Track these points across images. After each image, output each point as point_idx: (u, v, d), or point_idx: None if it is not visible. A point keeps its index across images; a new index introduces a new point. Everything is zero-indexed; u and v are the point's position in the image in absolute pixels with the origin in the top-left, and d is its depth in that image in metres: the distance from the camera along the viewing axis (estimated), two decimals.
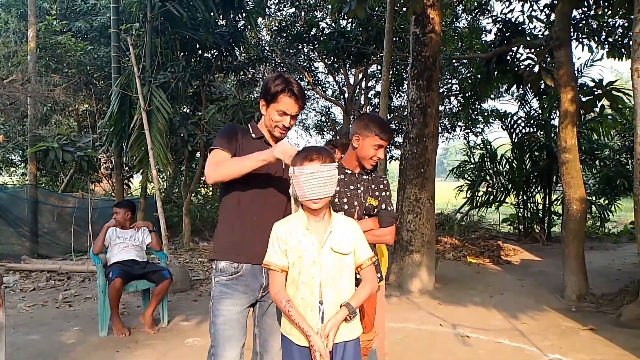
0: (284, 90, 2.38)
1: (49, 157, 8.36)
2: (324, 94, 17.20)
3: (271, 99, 2.41)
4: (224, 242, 2.46)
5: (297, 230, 2.14)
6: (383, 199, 2.69)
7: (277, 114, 2.41)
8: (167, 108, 7.89)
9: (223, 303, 2.39)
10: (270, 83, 2.43)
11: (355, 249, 2.16)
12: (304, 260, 2.10)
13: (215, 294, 2.42)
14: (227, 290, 2.39)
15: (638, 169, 5.26)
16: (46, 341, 4.58)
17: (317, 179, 2.04)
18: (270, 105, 2.43)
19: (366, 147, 2.62)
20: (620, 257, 9.40)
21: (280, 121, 2.43)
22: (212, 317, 2.42)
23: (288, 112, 2.41)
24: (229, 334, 2.38)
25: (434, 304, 6.11)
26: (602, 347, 4.53)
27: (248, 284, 2.41)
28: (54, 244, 9.22)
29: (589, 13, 8.50)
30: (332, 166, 2.11)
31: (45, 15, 11.65)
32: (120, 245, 5.06)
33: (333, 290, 2.10)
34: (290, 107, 2.42)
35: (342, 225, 2.19)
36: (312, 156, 2.09)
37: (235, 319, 2.39)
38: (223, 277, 2.41)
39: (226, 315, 2.38)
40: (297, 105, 2.43)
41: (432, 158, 6.88)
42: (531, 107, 12.15)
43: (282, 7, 14.26)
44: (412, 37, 6.98)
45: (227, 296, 2.39)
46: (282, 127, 2.44)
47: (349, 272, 2.15)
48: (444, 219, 14.18)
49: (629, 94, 6.96)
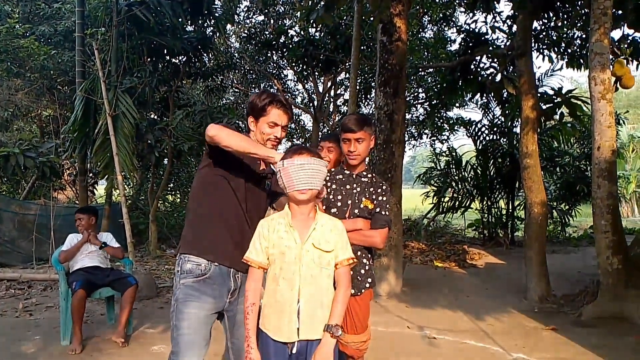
0: (271, 103, 2.43)
1: (10, 163, 8.07)
2: (293, 101, 17.25)
3: (259, 113, 2.44)
4: (195, 236, 2.40)
5: (280, 226, 2.17)
6: (379, 203, 2.69)
7: (267, 127, 2.44)
8: (134, 113, 7.78)
9: (189, 306, 2.28)
10: (255, 99, 2.47)
11: (335, 248, 2.19)
12: (285, 257, 2.13)
13: (180, 296, 2.30)
14: (193, 293, 2.29)
15: (596, 173, 5.48)
16: (4, 352, 4.41)
17: (305, 170, 2.08)
18: (260, 119, 2.45)
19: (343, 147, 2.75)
20: (581, 260, 9.70)
21: (271, 133, 2.44)
22: (175, 321, 2.29)
23: (278, 122, 2.44)
24: (193, 339, 2.27)
25: (402, 306, 6.18)
26: (564, 345, 4.67)
27: (215, 287, 2.33)
28: (14, 252, 8.91)
29: (549, 25, 8.80)
30: (321, 162, 2.15)
31: (6, 18, 11.35)
32: (83, 251, 4.93)
33: (311, 287, 2.12)
34: (280, 118, 2.45)
35: (326, 223, 2.22)
36: (302, 151, 2.15)
37: (201, 323, 2.30)
38: (189, 279, 2.32)
39: (192, 319, 2.27)
40: (286, 115, 2.47)
41: (399, 163, 6.97)
42: (494, 115, 12.46)
43: (251, 14, 14.28)
44: (380, 45, 7.09)
45: (194, 298, 2.29)
46: (274, 139, 2.46)
47: (329, 270, 2.18)
48: (411, 224, 14.35)
49: (587, 102, 7.22)
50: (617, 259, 5.34)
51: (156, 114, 11.07)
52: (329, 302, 2.16)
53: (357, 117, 2.73)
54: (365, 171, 2.79)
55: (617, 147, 5.70)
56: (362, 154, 2.68)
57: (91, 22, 9.78)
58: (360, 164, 2.75)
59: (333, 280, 2.21)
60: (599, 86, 5.38)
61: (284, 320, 2.12)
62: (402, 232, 7.23)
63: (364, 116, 2.88)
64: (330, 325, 2.11)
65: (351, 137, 2.65)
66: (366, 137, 2.67)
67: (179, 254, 2.41)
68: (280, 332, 2.13)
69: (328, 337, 2.11)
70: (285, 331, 2.12)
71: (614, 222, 5.41)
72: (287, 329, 2.12)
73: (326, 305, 2.15)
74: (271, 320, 2.15)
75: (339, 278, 2.20)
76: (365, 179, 2.74)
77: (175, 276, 2.38)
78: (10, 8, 11.97)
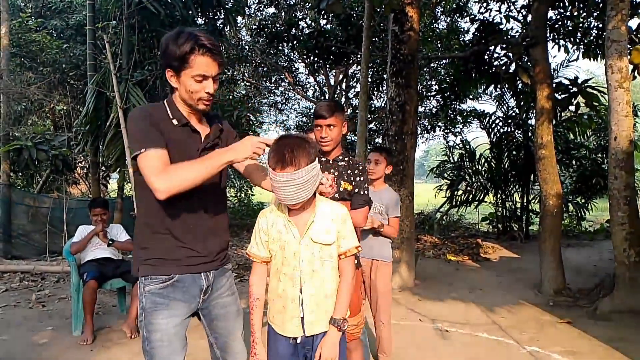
0: (194, 49, 1.89)
1: (23, 156, 8.17)
2: (304, 94, 17.19)
3: (180, 65, 1.91)
4: (152, 252, 2.02)
5: (278, 220, 2.09)
6: (357, 184, 2.72)
7: (194, 82, 1.93)
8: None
9: (158, 315, 1.98)
10: (171, 45, 1.90)
11: (337, 238, 2.09)
12: (285, 252, 2.06)
13: (148, 305, 1.99)
14: (161, 301, 1.99)
15: (613, 164, 5.36)
16: (17, 342, 4.45)
17: (290, 186, 1.90)
18: (182, 73, 1.93)
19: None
20: (597, 254, 9.55)
21: (200, 90, 1.95)
22: (144, 332, 2.00)
23: (207, 74, 1.93)
24: (169, 350, 1.98)
25: (414, 300, 6.12)
26: (578, 339, 4.59)
27: (186, 290, 2.04)
28: (28, 245, 9.01)
29: (564, 14, 8.63)
30: (308, 169, 1.92)
31: (19, 13, 11.44)
32: (94, 243, 4.95)
33: (313, 281, 2.06)
34: (209, 67, 1.92)
35: (326, 212, 2.08)
36: (285, 162, 1.89)
37: (174, 332, 2.00)
38: (155, 286, 2.00)
39: (164, 329, 1.98)
40: (216, 62, 1.93)
41: (411, 155, 6.89)
42: (509, 107, 12.28)
43: (261, 6, 14.21)
44: (391, 35, 6.99)
45: (163, 307, 1.99)
46: (206, 98, 1.97)
47: (332, 262, 2.10)
48: (424, 218, 14.26)
49: (603, 92, 7.07)
50: (634, 252, 5.22)
51: None
52: (333, 292, 2.09)
53: (328, 104, 2.76)
54: (341, 155, 2.82)
55: (634, 138, 5.57)
56: (334, 139, 2.73)
57: (102, 16, 9.81)
58: (335, 149, 2.79)
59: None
60: (615, 74, 5.25)
61: (288, 316, 2.08)
62: (414, 226, 7.15)
63: (335, 102, 2.95)
64: (336, 319, 2.06)
65: (322, 123, 2.71)
66: (337, 123, 2.72)
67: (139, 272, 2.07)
68: (285, 327, 2.09)
69: (334, 330, 2.06)
70: (290, 327, 2.08)
71: (631, 214, 5.29)
72: (291, 325, 2.08)
73: (330, 295, 2.09)
74: (276, 315, 2.12)
75: (342, 269, 2.12)
76: (342, 163, 2.77)
77: (139, 281, 2.05)
78: (22, 3, 12.07)
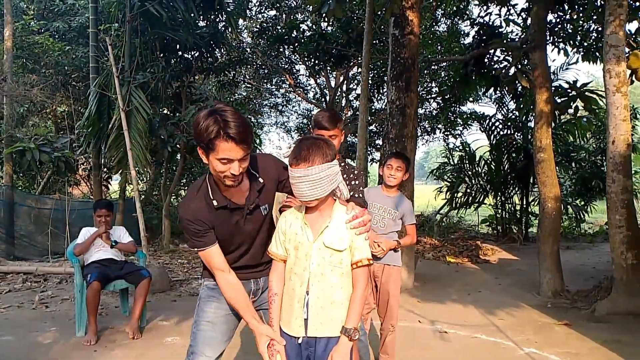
0: (218, 136, 1.94)
1: (25, 158, 8.21)
2: (305, 96, 17.25)
3: (207, 148, 1.99)
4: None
5: (296, 222, 2.13)
6: (352, 187, 2.82)
7: (219, 163, 2.00)
8: (147, 108, 7.84)
9: (209, 305, 2.34)
10: (200, 129, 1.96)
11: (351, 246, 2.07)
12: (298, 252, 2.09)
13: (203, 295, 2.39)
14: (213, 294, 2.35)
15: (610, 167, 5.42)
16: (21, 342, 4.49)
17: (305, 182, 1.94)
18: (209, 154, 2.00)
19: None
20: (595, 256, 9.60)
21: (226, 171, 2.01)
22: (196, 316, 2.36)
23: (232, 157, 1.98)
24: (211, 335, 2.29)
25: (413, 301, 6.17)
26: (576, 341, 4.63)
27: None
28: (30, 246, 9.07)
29: (564, 17, 8.69)
30: (322, 167, 1.95)
31: (22, 15, 11.50)
32: (97, 245, 5.00)
33: (321, 284, 2.06)
34: (233, 152, 1.97)
35: (342, 219, 2.09)
36: (299, 158, 1.93)
37: (220, 321, 2.32)
38: (211, 282, 2.37)
39: (211, 317, 2.32)
40: (240, 147, 1.97)
41: (411, 158, 6.93)
42: (508, 109, 12.35)
43: (263, 9, 14.28)
44: (392, 38, 7.05)
45: (214, 299, 2.34)
46: (231, 177, 2.04)
47: (342, 269, 2.08)
48: (424, 220, 14.30)
49: (602, 96, 7.12)
50: (631, 254, 5.27)
51: (169, 109, 11.14)
52: (341, 301, 2.08)
53: (330, 115, 2.83)
54: (337, 161, 2.85)
55: (632, 142, 5.63)
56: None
57: (104, 18, 9.85)
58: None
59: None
60: (613, 79, 5.31)
61: (292, 315, 2.11)
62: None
63: (335, 113, 3.02)
64: (347, 328, 2.05)
65: (325, 134, 2.76)
66: (338, 133, 2.82)
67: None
68: (289, 325, 2.13)
69: (345, 339, 2.05)
70: (293, 325, 2.11)
71: (629, 216, 5.35)
72: (294, 324, 2.10)
73: (338, 304, 2.08)
74: (284, 312, 2.16)
75: (355, 278, 2.10)
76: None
77: (201, 277, 2.47)
78: (25, 5, 12.12)
